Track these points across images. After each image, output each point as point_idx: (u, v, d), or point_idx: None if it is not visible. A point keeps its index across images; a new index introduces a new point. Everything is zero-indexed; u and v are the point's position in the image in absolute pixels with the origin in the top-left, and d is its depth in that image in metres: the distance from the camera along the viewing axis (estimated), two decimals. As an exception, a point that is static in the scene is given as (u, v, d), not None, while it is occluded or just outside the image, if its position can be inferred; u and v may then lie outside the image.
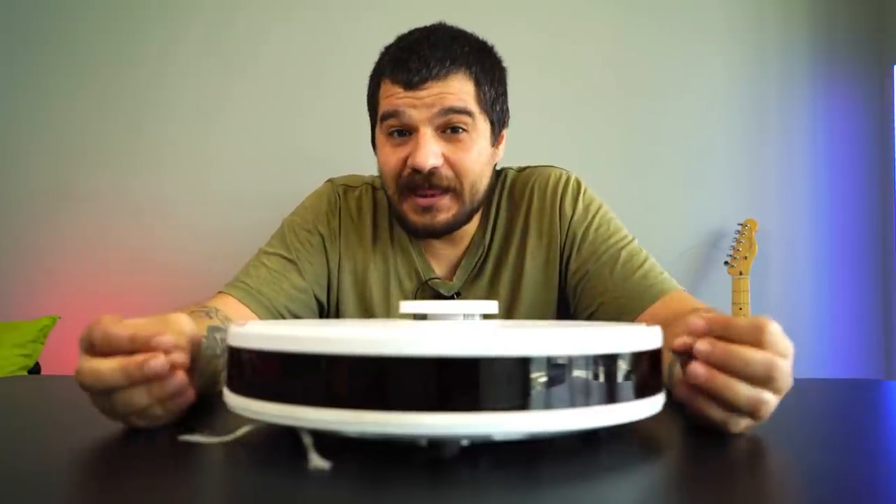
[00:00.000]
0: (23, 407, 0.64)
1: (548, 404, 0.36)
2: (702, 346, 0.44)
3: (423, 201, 0.86)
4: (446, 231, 0.89)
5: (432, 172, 0.84)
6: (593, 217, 0.93)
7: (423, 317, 0.49)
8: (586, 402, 0.37)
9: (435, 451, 0.37)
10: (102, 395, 0.46)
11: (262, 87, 2.05)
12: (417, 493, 0.33)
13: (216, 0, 2.08)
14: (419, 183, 0.85)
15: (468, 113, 0.85)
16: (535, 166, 0.99)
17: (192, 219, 2.05)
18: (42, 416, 0.58)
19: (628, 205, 1.44)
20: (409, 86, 0.84)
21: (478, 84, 0.87)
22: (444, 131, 0.85)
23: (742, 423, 0.46)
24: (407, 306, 0.49)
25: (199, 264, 1.99)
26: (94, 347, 0.47)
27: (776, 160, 1.99)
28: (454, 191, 0.86)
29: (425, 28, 0.90)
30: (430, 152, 0.83)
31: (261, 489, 0.34)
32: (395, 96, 0.85)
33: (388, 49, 0.90)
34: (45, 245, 2.08)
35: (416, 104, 0.83)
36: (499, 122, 0.92)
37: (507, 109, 0.94)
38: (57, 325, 1.87)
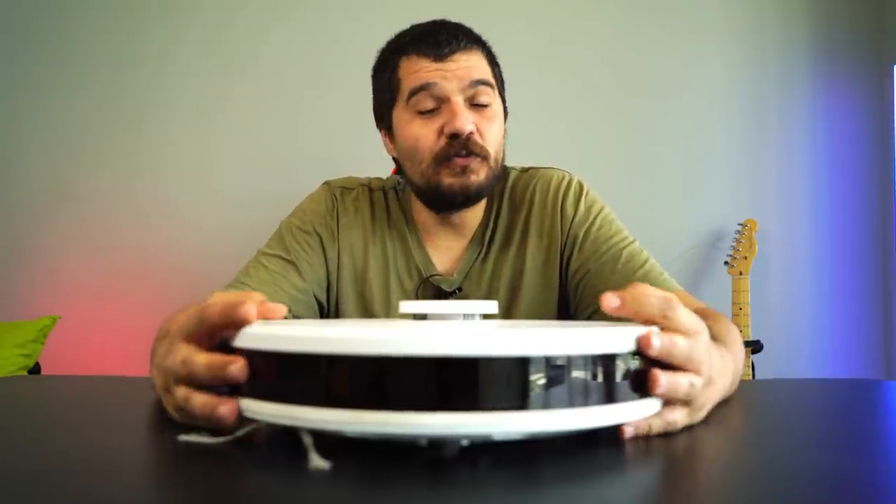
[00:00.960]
0: (23, 407, 0.64)
1: (547, 404, 0.36)
2: (652, 352, 0.41)
3: (461, 160, 0.87)
4: (477, 196, 0.91)
5: (469, 138, 0.86)
6: (595, 218, 0.93)
7: (423, 317, 0.49)
8: (585, 402, 0.38)
9: (435, 451, 0.37)
10: (176, 380, 0.45)
11: (262, 87, 2.05)
12: (417, 493, 0.33)
13: (216, 0, 2.08)
14: (457, 150, 0.87)
15: (491, 85, 0.89)
16: (538, 167, 0.99)
17: (193, 219, 2.05)
18: (42, 416, 0.58)
19: (628, 205, 1.44)
20: (440, 57, 0.87)
21: (491, 64, 0.92)
22: (471, 104, 0.88)
23: (678, 416, 0.44)
24: (407, 306, 0.49)
25: (200, 264, 1.99)
26: (191, 333, 0.45)
27: (776, 160, 1.99)
28: (485, 158, 0.88)
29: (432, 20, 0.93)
30: (467, 118, 0.86)
31: (261, 489, 0.34)
32: (423, 70, 0.87)
33: (402, 35, 0.92)
34: (46, 245, 2.08)
35: (447, 76, 0.87)
36: (504, 104, 0.95)
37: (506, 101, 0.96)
38: (57, 325, 1.87)
